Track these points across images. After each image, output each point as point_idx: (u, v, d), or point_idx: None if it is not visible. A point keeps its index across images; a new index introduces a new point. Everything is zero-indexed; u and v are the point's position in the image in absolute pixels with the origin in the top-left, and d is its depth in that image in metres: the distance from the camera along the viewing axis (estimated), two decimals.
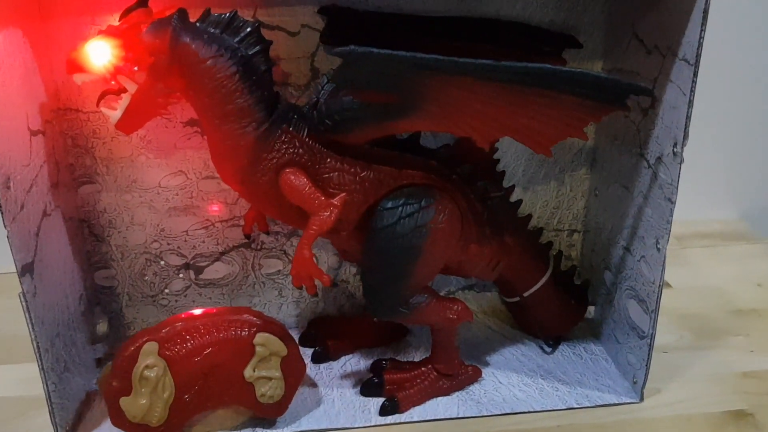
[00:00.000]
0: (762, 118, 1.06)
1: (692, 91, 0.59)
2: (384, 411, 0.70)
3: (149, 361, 0.63)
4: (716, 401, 0.72)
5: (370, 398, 0.72)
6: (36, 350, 0.62)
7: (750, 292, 0.92)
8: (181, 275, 0.80)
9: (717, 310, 0.88)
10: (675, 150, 0.62)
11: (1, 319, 0.86)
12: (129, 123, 0.63)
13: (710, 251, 1.03)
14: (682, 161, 0.62)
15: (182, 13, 0.60)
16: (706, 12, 0.56)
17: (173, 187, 0.76)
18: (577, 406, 0.71)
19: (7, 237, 0.58)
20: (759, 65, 1.02)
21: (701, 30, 0.57)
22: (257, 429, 0.68)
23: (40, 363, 0.62)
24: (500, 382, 0.74)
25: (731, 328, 0.85)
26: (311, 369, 0.76)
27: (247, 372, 0.65)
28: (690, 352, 0.80)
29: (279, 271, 0.81)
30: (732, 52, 1.00)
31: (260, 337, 0.66)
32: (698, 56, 0.58)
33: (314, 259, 0.64)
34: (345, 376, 0.76)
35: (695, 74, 0.59)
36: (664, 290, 0.69)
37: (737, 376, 0.76)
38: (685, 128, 0.60)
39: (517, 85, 0.56)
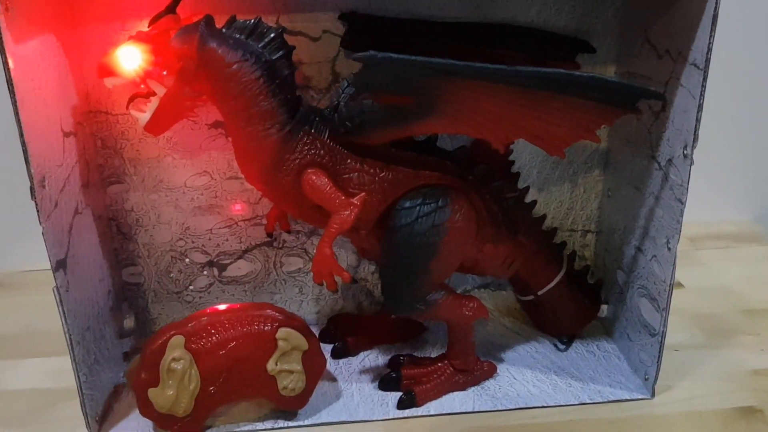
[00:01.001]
0: None
1: (702, 95, 0.61)
2: (401, 405, 0.72)
3: (176, 354, 0.66)
4: (727, 398, 0.73)
5: (388, 392, 0.74)
6: (69, 343, 0.64)
7: (762, 293, 0.93)
8: (205, 272, 0.82)
9: (728, 310, 0.89)
10: (685, 152, 0.64)
11: (31, 314, 0.89)
12: (157, 125, 0.66)
13: (723, 252, 1.04)
14: (692, 163, 0.63)
15: (209, 20, 0.62)
16: (715, 17, 0.58)
17: (198, 187, 0.78)
18: (590, 402, 0.73)
19: (42, 234, 0.61)
20: None
21: (711, 35, 0.59)
22: (279, 421, 0.70)
23: (72, 355, 0.65)
24: (515, 378, 0.76)
25: (742, 327, 0.86)
26: (331, 364, 0.78)
27: (270, 365, 0.68)
28: (701, 350, 0.81)
29: (299, 269, 0.83)
30: (745, 55, 1.01)
31: (282, 332, 0.68)
32: (707, 61, 0.60)
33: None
34: (363, 371, 0.78)
35: (705, 79, 0.60)
36: (676, 290, 0.70)
37: (748, 374, 0.77)
38: (695, 131, 0.62)
39: (530, 89, 0.58)
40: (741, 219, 1.13)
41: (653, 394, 0.73)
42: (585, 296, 0.81)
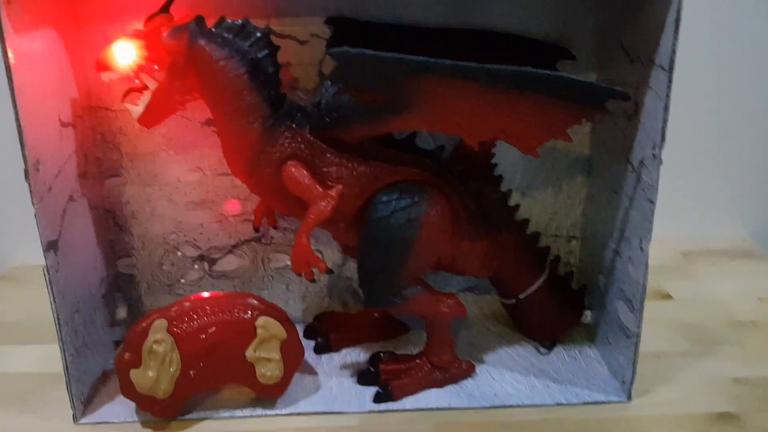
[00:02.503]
0: None
1: (668, 96, 0.62)
2: (378, 398, 0.73)
3: (158, 337, 0.68)
4: (704, 403, 0.73)
5: (367, 387, 0.75)
6: (56, 321, 0.67)
7: (750, 306, 0.93)
8: (196, 266, 0.85)
9: (715, 321, 0.89)
10: (654, 152, 0.65)
11: (35, 305, 0.92)
12: (150, 118, 0.69)
13: (715, 267, 1.04)
14: (660, 163, 0.65)
15: (199, 20, 0.66)
16: (678, 20, 0.60)
17: (191, 183, 0.82)
18: (566, 403, 0.73)
19: (35, 215, 0.64)
20: None
21: (674, 37, 0.61)
22: (257, 409, 0.72)
23: (59, 334, 0.68)
24: (493, 378, 0.77)
25: (728, 337, 0.85)
26: (313, 359, 0.80)
27: (249, 352, 0.70)
28: (683, 358, 0.81)
29: (287, 265, 0.86)
30: (735, 71, 1.02)
31: (262, 320, 0.70)
32: (672, 62, 0.61)
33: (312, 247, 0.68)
34: (344, 366, 0.79)
35: (670, 80, 0.62)
36: (664, 301, 0.70)
37: (728, 382, 0.77)
38: (662, 132, 0.64)
39: (502, 87, 0.60)
40: (736, 236, 1.12)
41: (629, 397, 0.73)
42: (568, 301, 0.82)
